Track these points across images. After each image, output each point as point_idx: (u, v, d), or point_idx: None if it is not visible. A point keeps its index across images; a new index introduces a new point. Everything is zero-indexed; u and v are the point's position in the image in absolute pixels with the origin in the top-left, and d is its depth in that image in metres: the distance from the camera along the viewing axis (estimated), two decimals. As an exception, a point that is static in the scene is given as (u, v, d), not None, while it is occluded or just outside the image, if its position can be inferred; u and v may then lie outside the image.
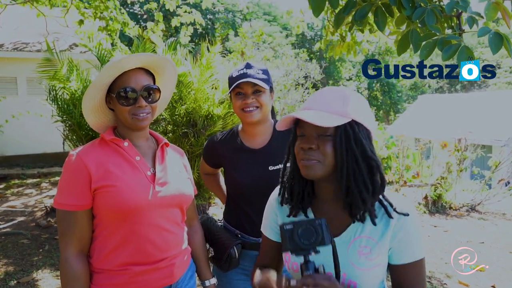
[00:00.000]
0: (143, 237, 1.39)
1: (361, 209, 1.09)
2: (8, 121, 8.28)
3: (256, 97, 1.75)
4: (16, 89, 9.68)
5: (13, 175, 8.48)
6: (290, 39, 23.64)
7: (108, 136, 1.44)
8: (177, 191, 1.49)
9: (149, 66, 1.48)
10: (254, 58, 10.10)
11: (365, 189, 1.08)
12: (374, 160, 1.09)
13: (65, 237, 1.36)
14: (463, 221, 5.78)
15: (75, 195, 1.34)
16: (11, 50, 9.39)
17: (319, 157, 1.08)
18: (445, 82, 30.50)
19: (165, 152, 1.57)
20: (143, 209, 1.38)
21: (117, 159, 1.41)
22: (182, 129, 4.64)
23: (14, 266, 3.80)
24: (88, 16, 7.17)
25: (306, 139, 1.10)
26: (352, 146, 1.07)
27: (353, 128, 1.08)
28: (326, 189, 1.17)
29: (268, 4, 28.78)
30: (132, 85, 1.40)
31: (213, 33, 18.94)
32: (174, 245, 1.49)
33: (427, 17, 1.73)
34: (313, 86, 16.18)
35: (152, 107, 1.46)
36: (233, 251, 1.74)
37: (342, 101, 1.09)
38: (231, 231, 1.87)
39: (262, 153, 1.81)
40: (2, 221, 5.24)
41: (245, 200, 1.83)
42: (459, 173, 6.57)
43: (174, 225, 1.50)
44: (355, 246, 1.12)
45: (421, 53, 1.74)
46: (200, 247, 1.72)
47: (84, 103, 1.43)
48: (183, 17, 8.69)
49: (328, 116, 1.07)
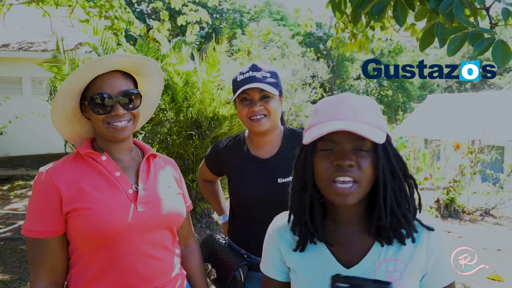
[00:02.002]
0: (125, 266, 1.21)
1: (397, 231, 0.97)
2: (12, 121, 8.21)
3: (264, 103, 1.56)
4: (20, 89, 9.62)
5: (17, 176, 8.41)
6: (297, 38, 23.44)
7: (84, 150, 1.27)
8: (165, 210, 1.30)
9: (128, 68, 1.30)
10: (261, 58, 9.95)
11: (408, 211, 0.97)
12: (413, 179, 1.00)
13: (35, 267, 1.19)
14: (478, 226, 5.57)
15: (44, 220, 1.18)
16: (16, 50, 9.33)
17: (357, 175, 0.92)
18: (454, 81, 30.08)
19: (152, 164, 1.38)
20: (123, 233, 1.19)
21: (93, 176, 1.23)
22: (187, 131, 4.50)
23: (11, 274, 3.68)
24: (93, 15, 7.09)
25: (342, 155, 0.92)
26: (393, 163, 0.96)
27: (390, 142, 0.98)
28: (347, 210, 1.01)
29: (277, 4, 28.58)
30: (107, 90, 1.22)
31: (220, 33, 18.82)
32: (162, 273, 1.29)
33: (456, 9, 1.55)
34: (320, 86, 16.00)
35: (133, 114, 1.29)
36: (238, 273, 1.57)
37: (375, 111, 0.98)
38: (236, 250, 1.69)
39: (271, 164, 1.64)
40: (3, 224, 5.13)
41: (251, 216, 1.65)
42: (472, 176, 6.36)
43: (162, 250, 1.30)
44: (382, 271, 0.97)
45: (449, 48, 1.55)
46: (197, 269, 1.52)
47: (53, 113, 1.25)
48: (189, 15, 8.57)
49: (371, 129, 0.93)
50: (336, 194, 0.92)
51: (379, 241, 0.99)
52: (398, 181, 0.97)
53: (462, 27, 1.52)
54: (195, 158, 4.63)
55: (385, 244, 0.98)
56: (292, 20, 26.29)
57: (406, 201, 0.98)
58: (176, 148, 4.51)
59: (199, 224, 5.15)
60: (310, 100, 14.58)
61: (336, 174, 0.92)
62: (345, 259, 1.00)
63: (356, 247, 1.01)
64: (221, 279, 1.60)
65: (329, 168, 0.94)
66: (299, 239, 1.05)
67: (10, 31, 8.73)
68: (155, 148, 4.46)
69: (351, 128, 0.89)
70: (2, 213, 5.74)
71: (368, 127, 0.93)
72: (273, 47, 12.41)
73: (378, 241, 0.99)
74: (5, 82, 9.49)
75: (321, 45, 27.04)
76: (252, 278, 1.62)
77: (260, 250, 1.60)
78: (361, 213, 1.01)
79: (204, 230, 5.03)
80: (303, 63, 13.62)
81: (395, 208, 0.96)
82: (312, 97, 14.50)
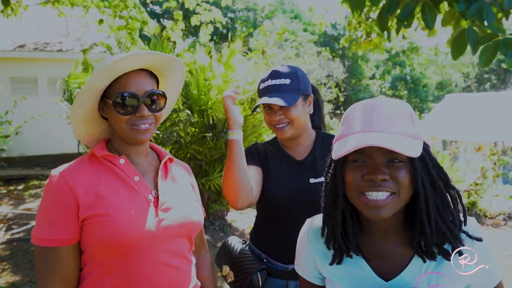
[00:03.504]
0: (144, 277, 1.12)
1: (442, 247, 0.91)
2: (27, 121, 8.29)
3: (284, 112, 1.54)
4: (36, 89, 9.71)
5: (32, 176, 8.48)
6: (312, 37, 23.24)
7: (100, 152, 1.18)
8: (185, 218, 1.23)
9: (154, 67, 1.22)
10: (276, 57, 9.83)
11: (453, 224, 0.91)
12: (456, 189, 0.93)
13: (44, 278, 1.09)
14: (501, 232, 5.37)
15: (58, 228, 1.08)
16: (32, 50, 9.42)
17: (394, 188, 0.87)
18: (473, 81, 29.45)
19: (169, 169, 1.30)
20: (143, 242, 1.11)
21: (111, 180, 1.15)
22: (202, 131, 4.42)
23: (22, 276, 3.64)
24: (108, 15, 7.10)
25: (374, 169, 0.87)
26: (433, 174, 0.90)
27: (428, 151, 0.90)
28: (382, 222, 0.95)
29: (291, 2, 28.41)
30: (132, 90, 1.14)
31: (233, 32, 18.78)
32: (180, 284, 1.22)
33: (486, 14, 1.40)
34: (336, 86, 15.82)
35: (155, 116, 1.21)
36: (256, 277, 1.51)
37: (411, 119, 0.90)
38: (257, 254, 1.62)
39: (303, 164, 1.62)
40: (16, 225, 5.13)
41: (278, 216, 1.59)
42: (495, 178, 6.15)
43: (180, 259, 1.23)
44: (423, 285, 0.92)
45: (481, 59, 1.42)
46: (209, 280, 1.45)
47: (74, 111, 1.16)
48: (202, 15, 8.54)
49: (405, 141, 0.86)
50: (368, 207, 0.88)
51: (420, 256, 0.93)
52: (440, 193, 0.91)
53: (493, 35, 1.39)
54: (209, 159, 4.55)
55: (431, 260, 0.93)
56: (306, 19, 26.09)
57: (450, 214, 0.92)
58: (189, 149, 4.44)
59: (212, 226, 5.06)
60: (325, 100, 14.41)
61: (367, 188, 0.87)
62: (384, 272, 0.96)
63: (395, 260, 0.96)
64: (239, 282, 1.54)
65: (359, 181, 0.89)
66: (334, 253, 1.00)
67: (26, 31, 8.81)
68: (168, 149, 4.39)
69: (381, 143, 0.83)
70: (16, 213, 5.75)
71: (402, 139, 0.86)
72: (288, 47, 12.29)
73: (420, 256, 0.93)
74: (21, 82, 9.59)
75: (336, 45, 26.77)
76: (270, 285, 1.56)
77: (281, 255, 1.56)
78: (398, 225, 0.95)
79: (218, 232, 4.94)
80: (318, 63, 13.48)
81: (439, 222, 0.90)
82: (327, 97, 14.33)
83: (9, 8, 5.76)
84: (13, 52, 9.27)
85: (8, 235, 4.69)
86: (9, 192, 7.24)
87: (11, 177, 8.30)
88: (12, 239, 4.54)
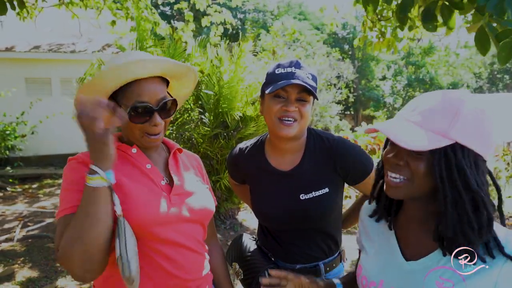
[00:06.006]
0: (163, 257, 1.17)
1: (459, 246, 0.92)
2: (42, 121, 8.42)
3: (299, 105, 1.39)
4: (50, 90, 9.86)
5: (46, 175, 8.61)
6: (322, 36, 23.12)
7: None
8: (197, 204, 1.27)
9: (168, 74, 1.25)
10: (286, 57, 9.85)
11: (470, 228, 0.89)
12: (481, 196, 0.89)
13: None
14: (514, 233, 5.28)
15: (79, 196, 1.06)
16: (46, 51, 9.57)
17: (407, 175, 0.95)
18: (484, 81, 29.04)
19: (179, 159, 1.36)
20: (160, 225, 1.16)
21: (125, 167, 1.20)
22: (214, 130, 4.45)
23: (38, 272, 3.71)
24: (120, 17, 7.19)
25: (395, 153, 0.98)
26: (453, 174, 0.89)
27: (456, 152, 0.89)
28: (416, 207, 1.03)
29: (299, 4, 28.31)
30: (146, 100, 1.16)
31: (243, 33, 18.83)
32: (198, 265, 1.27)
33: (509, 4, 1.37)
34: (346, 86, 15.75)
35: (166, 121, 1.25)
36: (264, 275, 1.49)
37: (452, 118, 0.89)
38: (265, 252, 1.63)
39: (292, 177, 1.51)
40: (31, 222, 5.22)
41: (275, 229, 1.60)
42: (508, 179, 6.09)
43: (197, 244, 1.28)
44: (435, 276, 0.95)
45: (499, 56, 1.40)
46: (220, 268, 1.49)
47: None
48: (213, 16, 8.58)
49: (422, 135, 0.89)
50: (387, 183, 1.00)
51: (442, 250, 0.96)
52: (456, 193, 0.90)
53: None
54: (220, 158, 4.58)
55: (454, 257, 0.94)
56: (315, 21, 25.97)
57: (466, 218, 0.89)
58: (201, 148, 4.47)
59: (223, 225, 5.09)
60: (335, 101, 14.37)
61: (387, 168, 1.00)
62: (408, 252, 1.03)
63: (420, 246, 1.01)
64: (247, 281, 1.55)
65: (386, 161, 1.01)
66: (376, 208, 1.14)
67: (40, 32, 8.96)
68: (180, 148, 4.43)
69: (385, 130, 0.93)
70: (31, 211, 5.85)
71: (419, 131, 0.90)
72: (297, 47, 12.29)
73: (442, 250, 0.96)
74: (36, 83, 9.74)
75: (346, 45, 26.59)
76: None
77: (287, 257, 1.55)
78: (427, 214, 1.00)
79: (228, 231, 4.97)
80: (328, 63, 13.44)
81: (455, 222, 0.91)
82: (337, 98, 14.29)
83: (25, 11, 5.86)
84: (28, 54, 9.44)
85: (23, 232, 4.78)
86: (24, 190, 7.37)
87: (26, 176, 8.45)
88: (28, 236, 4.63)
